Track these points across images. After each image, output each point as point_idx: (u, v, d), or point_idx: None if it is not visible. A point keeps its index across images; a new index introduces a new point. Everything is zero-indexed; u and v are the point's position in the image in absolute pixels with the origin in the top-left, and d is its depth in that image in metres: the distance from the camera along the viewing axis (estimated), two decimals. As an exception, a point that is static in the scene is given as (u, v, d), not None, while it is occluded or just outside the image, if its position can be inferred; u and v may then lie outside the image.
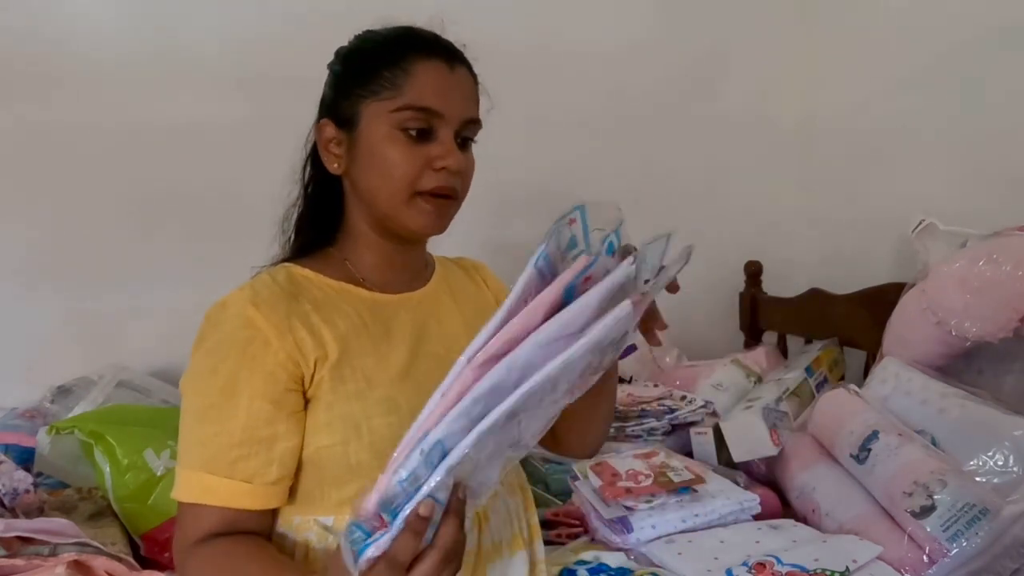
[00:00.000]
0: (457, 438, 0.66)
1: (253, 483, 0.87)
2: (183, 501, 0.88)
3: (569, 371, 0.67)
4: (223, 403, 0.88)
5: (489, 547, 0.96)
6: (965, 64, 2.07)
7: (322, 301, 0.95)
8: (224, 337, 0.90)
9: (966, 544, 1.37)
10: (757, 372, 2.18)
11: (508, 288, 0.88)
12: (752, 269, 2.46)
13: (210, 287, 1.00)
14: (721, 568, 1.37)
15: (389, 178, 0.93)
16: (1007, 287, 1.62)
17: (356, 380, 0.92)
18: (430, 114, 0.93)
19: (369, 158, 0.94)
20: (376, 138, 0.93)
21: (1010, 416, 1.56)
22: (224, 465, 0.87)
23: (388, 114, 0.92)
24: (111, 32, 2.05)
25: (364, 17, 1.03)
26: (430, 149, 0.93)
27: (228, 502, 0.87)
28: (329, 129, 0.98)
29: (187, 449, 0.90)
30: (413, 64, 0.93)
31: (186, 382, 0.92)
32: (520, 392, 0.65)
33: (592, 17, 2.40)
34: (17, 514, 1.51)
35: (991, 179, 2.01)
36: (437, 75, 0.94)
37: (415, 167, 0.92)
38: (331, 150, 0.98)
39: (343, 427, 0.90)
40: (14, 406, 1.96)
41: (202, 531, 0.87)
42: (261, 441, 0.88)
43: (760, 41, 2.58)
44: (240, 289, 0.94)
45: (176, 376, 2.08)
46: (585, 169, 2.39)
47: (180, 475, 0.89)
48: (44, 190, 2.02)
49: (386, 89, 0.93)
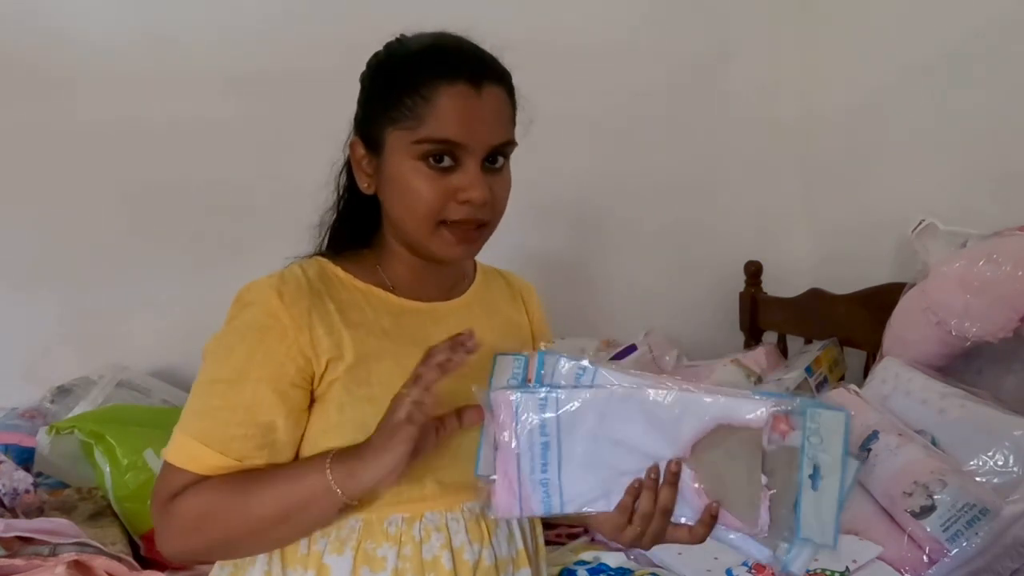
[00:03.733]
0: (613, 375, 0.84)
1: (243, 463, 0.88)
2: (171, 462, 0.90)
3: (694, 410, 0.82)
4: (232, 381, 0.89)
5: (490, 566, 0.95)
6: (965, 64, 2.07)
7: (347, 302, 0.95)
8: (247, 320, 0.91)
9: (966, 544, 1.37)
10: (757, 372, 2.18)
11: (547, 323, 1.07)
12: (752, 269, 2.47)
13: (210, 287, 1.01)
14: (721, 568, 1.37)
15: (414, 209, 0.91)
16: (1007, 287, 1.62)
17: (371, 385, 0.91)
18: (452, 146, 0.89)
19: (394, 186, 0.92)
20: (400, 167, 0.91)
21: (1010, 416, 1.56)
22: (220, 440, 0.88)
23: (410, 145, 0.89)
24: (110, 32, 2.05)
25: (363, 15, 1.02)
26: (455, 179, 0.90)
27: (211, 473, 0.89)
28: (359, 149, 0.96)
29: (189, 415, 0.91)
30: (434, 91, 0.89)
31: (208, 349, 0.94)
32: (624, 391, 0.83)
33: (592, 17, 2.40)
34: (17, 514, 1.51)
35: (991, 179, 2.01)
36: (460, 103, 0.89)
37: (439, 199, 0.90)
38: (363, 169, 0.96)
39: (353, 430, 0.89)
40: (14, 406, 1.96)
41: (178, 488, 0.89)
42: (260, 425, 0.89)
43: (761, 41, 2.58)
44: (270, 276, 0.94)
45: (176, 376, 2.10)
46: (585, 169, 2.40)
47: (176, 437, 0.91)
48: (44, 190, 2.02)
49: (408, 118, 0.89)
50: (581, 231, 2.49)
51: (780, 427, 0.78)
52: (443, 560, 0.92)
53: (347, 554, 0.90)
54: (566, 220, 2.45)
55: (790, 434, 0.78)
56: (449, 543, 0.92)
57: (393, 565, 0.90)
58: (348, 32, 1.03)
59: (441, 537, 0.92)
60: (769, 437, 0.78)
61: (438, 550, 0.92)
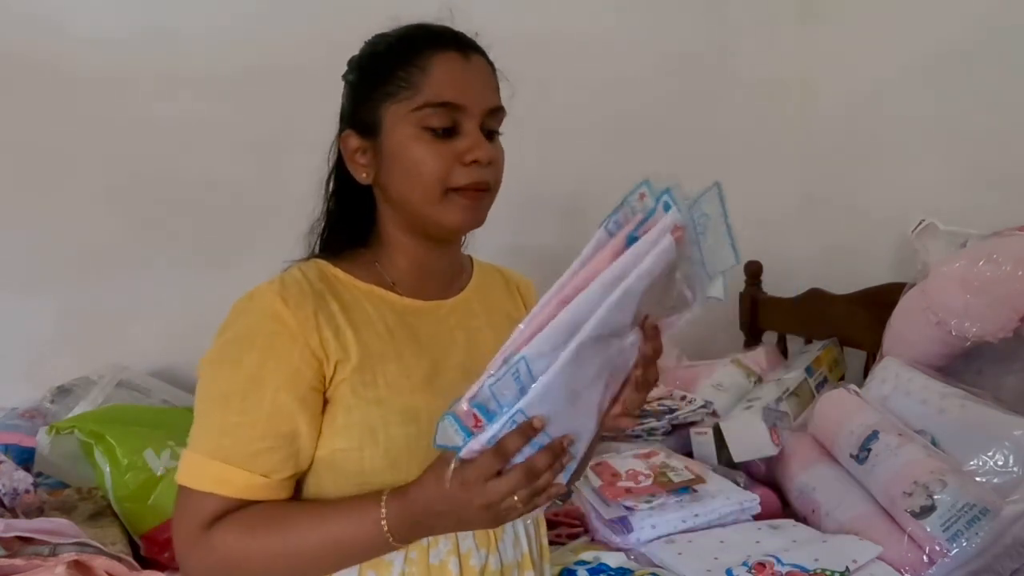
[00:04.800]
0: (543, 361, 0.75)
1: (270, 477, 0.86)
2: (190, 487, 0.87)
3: (631, 299, 0.77)
4: (247, 394, 0.87)
5: (496, 570, 0.95)
6: (965, 64, 2.07)
7: (350, 303, 0.94)
8: (250, 328, 0.89)
9: (966, 544, 1.37)
10: (757, 372, 2.18)
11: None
12: (752, 269, 2.46)
13: (210, 287, 1.00)
14: (721, 568, 1.37)
15: (419, 179, 0.91)
16: (1007, 287, 1.62)
17: (377, 386, 0.91)
18: (452, 108, 0.91)
19: (396, 162, 0.92)
20: (401, 140, 0.92)
21: (1010, 416, 1.56)
22: (243, 457, 0.86)
23: (409, 114, 0.91)
24: (110, 31, 2.04)
25: (362, 12, 1.02)
26: (457, 144, 0.91)
27: (243, 493, 0.86)
28: (353, 140, 0.96)
29: (202, 435, 0.88)
30: (427, 60, 0.91)
31: (206, 367, 0.91)
32: (599, 313, 0.75)
33: (592, 17, 2.40)
34: (17, 514, 1.51)
35: (991, 179, 2.01)
36: (453, 67, 0.92)
37: (444, 164, 0.91)
38: (357, 160, 0.96)
39: (360, 432, 0.89)
40: (14, 406, 1.95)
41: (208, 516, 0.86)
42: (283, 436, 0.87)
43: (760, 39, 2.58)
44: (269, 282, 0.92)
45: (176, 376, 2.10)
46: (584, 169, 2.39)
47: (190, 459, 0.88)
48: (44, 190, 2.02)
49: (404, 89, 0.91)
50: (579, 228, 2.48)
51: (676, 235, 0.78)
52: (450, 565, 0.91)
53: None
54: (561, 216, 2.44)
55: (683, 236, 0.79)
56: (456, 548, 0.92)
57: (400, 569, 0.90)
58: (347, 29, 1.03)
59: (448, 542, 0.92)
60: (678, 251, 0.78)
61: (445, 555, 0.91)
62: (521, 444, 0.76)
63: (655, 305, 0.82)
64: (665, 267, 0.77)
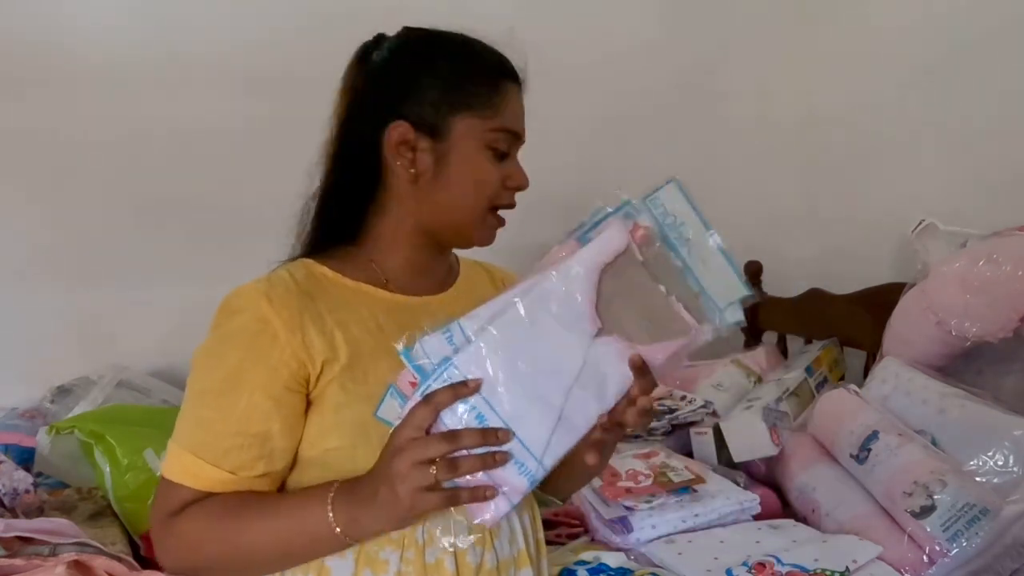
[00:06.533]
0: (477, 323, 0.78)
1: (238, 475, 0.88)
2: (167, 477, 0.90)
3: (578, 281, 0.78)
4: (224, 392, 0.89)
5: (492, 568, 0.95)
6: (965, 64, 2.07)
7: (339, 302, 0.95)
8: (235, 327, 0.90)
9: (966, 544, 1.37)
10: (757, 372, 2.18)
11: None
12: (752, 269, 2.46)
13: (210, 287, 1.00)
14: (721, 568, 1.37)
15: (477, 193, 0.96)
16: (1007, 287, 1.62)
17: (368, 384, 0.91)
18: (515, 137, 0.98)
19: (458, 170, 0.95)
20: (469, 154, 0.95)
21: (1010, 416, 1.56)
22: (213, 452, 0.88)
23: (485, 132, 0.95)
24: (113, 32, 2.05)
25: (371, 17, 1.03)
26: (505, 168, 0.97)
27: (211, 487, 0.88)
28: (407, 132, 0.95)
29: (181, 426, 0.91)
30: (505, 87, 0.97)
31: (197, 358, 0.93)
32: (537, 280, 0.78)
33: (593, 18, 2.40)
34: (17, 514, 1.51)
35: (991, 179, 2.01)
36: (518, 99, 0.99)
37: (498, 185, 0.97)
38: (403, 153, 0.95)
39: (352, 430, 0.90)
40: (14, 406, 1.96)
41: (177, 505, 0.88)
42: (255, 435, 0.88)
43: (760, 41, 2.58)
44: (256, 281, 0.93)
45: (176, 376, 2.10)
46: (584, 169, 2.39)
47: (171, 450, 0.91)
48: (45, 190, 2.02)
49: (485, 107, 0.95)
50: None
51: (637, 234, 0.79)
52: (446, 563, 0.92)
53: (349, 557, 0.90)
54: (561, 216, 2.43)
55: (646, 233, 0.80)
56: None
57: (396, 568, 0.90)
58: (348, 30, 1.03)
59: None
60: (639, 249, 0.79)
61: (441, 553, 0.91)
62: (449, 399, 0.77)
63: (637, 318, 0.80)
64: (615, 256, 0.78)
